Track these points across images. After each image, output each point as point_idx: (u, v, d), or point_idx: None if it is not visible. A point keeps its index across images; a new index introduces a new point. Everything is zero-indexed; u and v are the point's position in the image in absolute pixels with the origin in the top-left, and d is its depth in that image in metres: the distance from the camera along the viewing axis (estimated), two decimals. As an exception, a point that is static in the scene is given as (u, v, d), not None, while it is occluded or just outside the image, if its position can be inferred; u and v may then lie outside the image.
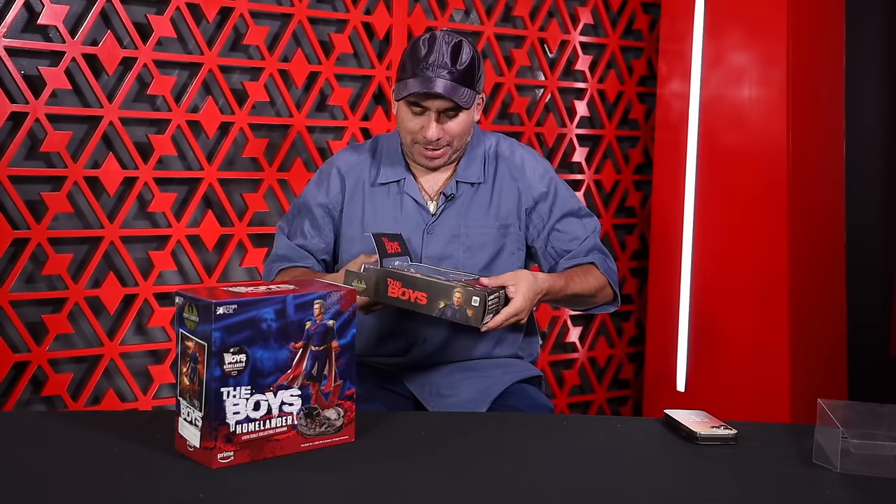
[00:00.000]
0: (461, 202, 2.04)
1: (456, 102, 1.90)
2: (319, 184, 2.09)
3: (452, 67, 1.89)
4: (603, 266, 2.04)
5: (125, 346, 2.77)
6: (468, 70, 1.92)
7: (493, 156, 2.08)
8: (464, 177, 2.04)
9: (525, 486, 1.43)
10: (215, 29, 2.85)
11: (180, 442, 1.50)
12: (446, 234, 2.02)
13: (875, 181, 3.47)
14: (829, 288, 3.19)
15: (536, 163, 2.10)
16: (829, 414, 1.53)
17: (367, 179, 2.06)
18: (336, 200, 2.06)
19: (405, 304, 1.80)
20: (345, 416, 1.57)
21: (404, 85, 1.92)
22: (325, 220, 2.07)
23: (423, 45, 1.92)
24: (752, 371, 3.10)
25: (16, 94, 2.58)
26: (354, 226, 2.05)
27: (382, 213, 2.04)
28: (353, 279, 1.82)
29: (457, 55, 1.91)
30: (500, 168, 2.07)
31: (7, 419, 1.90)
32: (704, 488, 1.44)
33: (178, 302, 1.48)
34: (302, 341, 1.51)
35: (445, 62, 1.89)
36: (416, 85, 1.89)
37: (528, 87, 3.40)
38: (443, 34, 1.94)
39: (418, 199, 2.03)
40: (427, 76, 1.89)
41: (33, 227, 2.60)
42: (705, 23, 3.25)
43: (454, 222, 2.02)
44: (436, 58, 1.89)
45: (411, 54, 1.92)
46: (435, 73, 1.89)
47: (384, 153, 2.08)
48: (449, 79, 1.89)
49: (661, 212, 3.43)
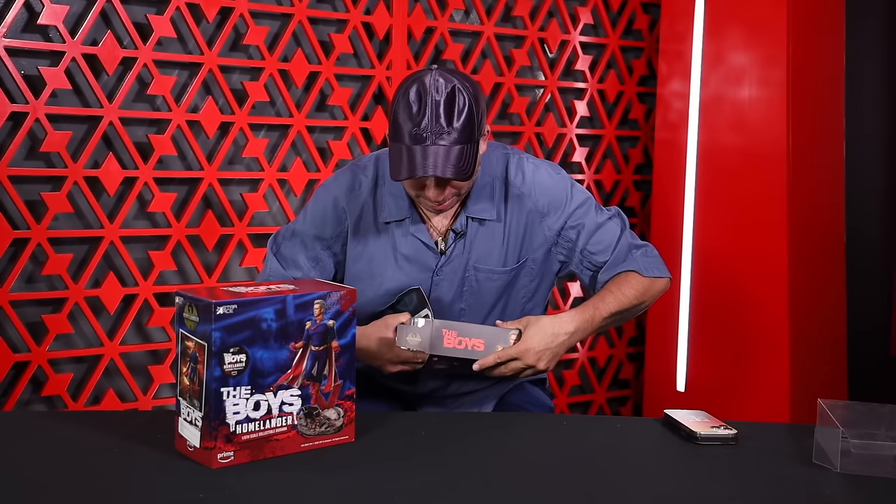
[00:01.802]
0: (471, 239, 1.92)
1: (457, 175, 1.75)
2: (317, 217, 1.95)
3: (449, 128, 1.74)
4: (642, 264, 1.95)
5: (125, 346, 2.77)
6: (466, 125, 1.75)
7: (502, 183, 1.94)
8: (473, 212, 1.91)
9: (525, 486, 1.43)
10: (215, 29, 2.85)
11: (180, 442, 1.50)
12: (456, 276, 1.93)
13: (875, 181, 3.47)
14: (829, 288, 3.19)
15: (551, 186, 1.96)
16: (829, 414, 1.53)
17: (370, 213, 1.93)
18: (336, 235, 1.94)
19: (462, 353, 1.81)
20: (345, 416, 1.57)
21: (399, 155, 1.76)
22: (324, 254, 1.95)
23: (413, 103, 1.75)
24: (752, 371, 3.10)
25: (16, 94, 2.58)
26: (360, 264, 1.94)
27: (388, 253, 1.93)
28: (409, 334, 1.81)
29: (451, 109, 1.75)
30: (512, 203, 1.94)
31: (7, 419, 1.90)
32: (704, 488, 1.44)
33: (178, 302, 1.48)
34: (302, 341, 1.51)
35: (441, 125, 1.73)
36: (412, 164, 1.74)
37: (528, 87, 3.40)
38: (433, 80, 1.76)
39: (426, 240, 1.92)
40: (424, 147, 1.73)
41: (33, 227, 2.60)
42: (705, 23, 3.25)
43: (464, 262, 1.92)
44: (429, 121, 1.73)
45: (403, 113, 1.76)
46: (431, 139, 1.73)
47: (386, 182, 1.93)
48: (447, 142, 1.74)
49: (661, 212, 3.42)
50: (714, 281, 3.24)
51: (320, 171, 3.01)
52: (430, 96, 1.75)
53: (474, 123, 1.77)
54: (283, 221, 2.98)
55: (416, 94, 1.75)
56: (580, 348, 3.52)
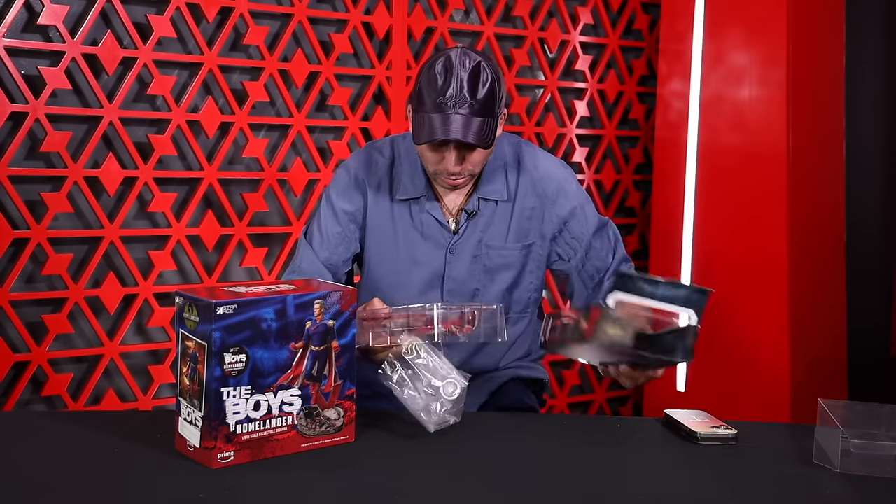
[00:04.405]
0: (483, 219, 1.97)
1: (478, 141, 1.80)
2: (340, 192, 2.00)
3: (472, 100, 1.79)
4: None
5: (125, 346, 2.77)
6: (488, 99, 1.81)
7: (515, 166, 2.00)
8: (486, 192, 1.96)
9: (525, 486, 1.43)
10: (215, 29, 2.85)
11: (180, 442, 1.50)
12: (468, 254, 1.97)
13: (875, 181, 3.47)
14: (829, 287, 3.19)
15: (561, 176, 2.02)
16: (829, 414, 1.53)
17: (387, 190, 1.98)
18: (359, 208, 1.98)
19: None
20: (345, 416, 1.57)
21: (421, 122, 1.82)
22: (349, 228, 1.99)
23: (439, 75, 1.81)
24: (752, 371, 3.10)
25: (16, 94, 2.58)
26: (380, 241, 1.98)
27: (405, 231, 1.97)
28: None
29: (475, 82, 1.81)
30: (523, 182, 1.99)
31: (7, 419, 1.90)
32: (704, 488, 1.44)
33: (178, 302, 1.48)
34: (302, 341, 1.51)
35: (464, 95, 1.79)
36: (433, 129, 1.79)
37: (528, 87, 3.40)
38: (459, 56, 1.82)
39: (440, 218, 1.96)
40: (445, 115, 1.79)
41: (33, 227, 2.60)
42: (705, 23, 3.25)
43: (476, 241, 1.97)
44: (454, 91, 1.79)
45: (428, 84, 1.82)
46: (454, 108, 1.79)
47: (404, 162, 1.98)
48: (468, 113, 1.79)
49: (661, 212, 3.42)
50: (714, 281, 3.23)
51: (320, 171, 3.01)
52: (455, 69, 1.81)
53: (495, 100, 1.84)
54: (284, 221, 2.98)
55: (443, 66, 1.82)
56: (580, 348, 3.52)
